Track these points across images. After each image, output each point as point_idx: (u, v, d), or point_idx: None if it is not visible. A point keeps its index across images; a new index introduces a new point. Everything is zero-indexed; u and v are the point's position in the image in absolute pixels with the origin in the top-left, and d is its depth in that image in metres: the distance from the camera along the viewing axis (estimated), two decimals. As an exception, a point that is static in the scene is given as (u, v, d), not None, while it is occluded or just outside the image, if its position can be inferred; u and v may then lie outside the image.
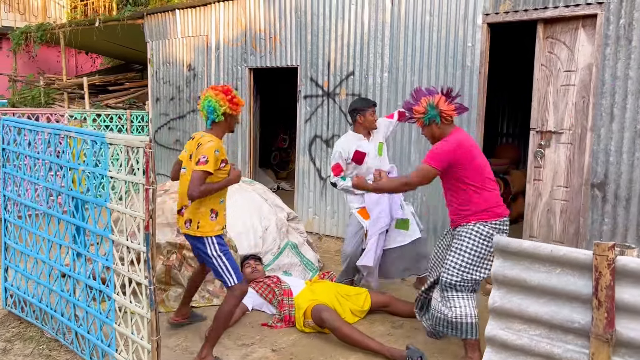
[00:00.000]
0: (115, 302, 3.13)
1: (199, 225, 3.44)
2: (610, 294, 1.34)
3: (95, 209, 3.19)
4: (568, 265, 1.45)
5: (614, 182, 4.57)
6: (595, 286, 1.37)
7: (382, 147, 4.66)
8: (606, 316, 1.36)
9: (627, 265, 1.38)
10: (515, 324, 1.53)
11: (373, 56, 6.06)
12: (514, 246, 1.49)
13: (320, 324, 3.93)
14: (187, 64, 8.32)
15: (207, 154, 3.31)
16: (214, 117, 3.46)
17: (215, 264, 3.45)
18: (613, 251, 1.35)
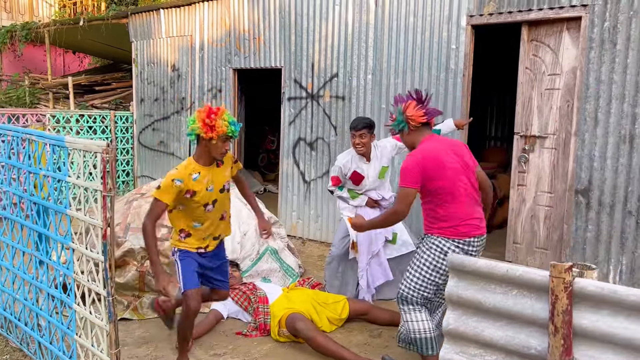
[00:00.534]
0: (76, 312, 3.01)
1: (172, 237, 3.51)
2: (568, 319, 1.23)
3: (56, 216, 3.07)
4: (525, 286, 1.34)
5: (598, 189, 4.48)
6: (551, 310, 1.26)
7: (386, 171, 4.51)
8: (563, 343, 1.25)
9: (585, 289, 1.27)
10: (471, 349, 1.42)
11: (357, 58, 5.95)
12: (469, 265, 1.38)
13: (294, 333, 3.82)
14: (172, 64, 8.19)
15: (164, 180, 3.23)
16: (188, 135, 3.31)
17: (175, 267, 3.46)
18: (570, 273, 1.24)
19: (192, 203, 3.31)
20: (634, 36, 4.23)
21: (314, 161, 6.46)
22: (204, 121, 3.17)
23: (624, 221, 4.37)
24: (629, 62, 4.26)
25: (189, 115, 7.92)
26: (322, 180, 6.40)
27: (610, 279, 4.46)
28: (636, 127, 4.26)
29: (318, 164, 6.43)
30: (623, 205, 4.36)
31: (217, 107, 3.24)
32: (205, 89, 7.70)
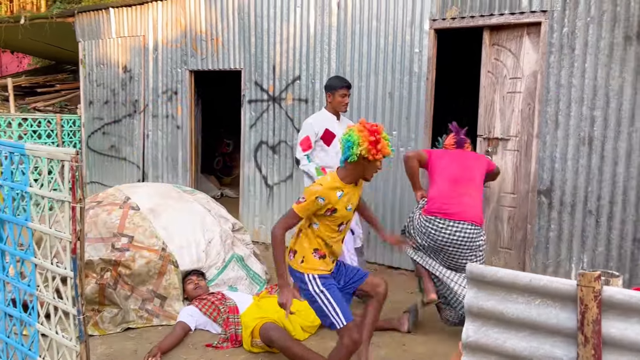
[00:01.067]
0: (39, 332, 2.79)
1: (303, 259, 3.11)
2: (597, 328, 1.22)
3: (15, 229, 2.84)
4: (549, 295, 1.32)
5: (559, 189, 4.61)
6: (581, 320, 1.25)
7: None
8: (593, 353, 1.24)
9: (613, 297, 1.27)
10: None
11: (320, 60, 5.90)
12: (489, 275, 1.35)
13: (268, 343, 3.72)
14: (123, 65, 7.88)
15: (306, 195, 2.99)
16: (348, 156, 2.97)
17: (318, 302, 3.07)
18: (599, 282, 1.24)
19: (328, 221, 3.06)
20: (591, 42, 4.38)
21: (277, 165, 6.36)
22: (371, 142, 2.89)
23: (584, 220, 4.51)
24: (587, 66, 4.41)
25: (143, 118, 7.65)
26: (286, 184, 6.31)
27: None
28: (595, 129, 4.41)
29: (281, 168, 6.33)
30: (584, 205, 4.50)
31: (374, 124, 2.96)
32: (160, 91, 7.44)
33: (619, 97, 4.30)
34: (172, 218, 4.85)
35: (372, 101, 5.56)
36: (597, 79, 4.37)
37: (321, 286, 3.06)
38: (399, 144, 5.44)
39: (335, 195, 2.99)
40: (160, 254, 4.52)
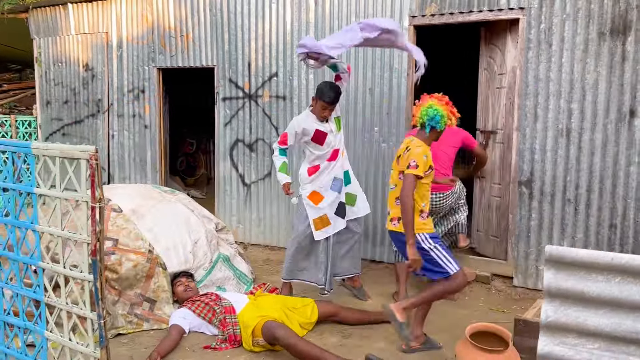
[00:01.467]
0: (48, 340, 2.66)
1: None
2: (685, 301, 1.30)
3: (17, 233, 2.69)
4: (629, 273, 1.39)
5: (539, 179, 4.79)
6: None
7: (340, 121, 4.55)
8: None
9: (699, 271, 1.34)
10: (570, 339, 1.44)
11: (297, 57, 5.87)
12: (569, 256, 1.39)
13: (273, 342, 3.67)
14: (84, 63, 7.56)
15: (416, 158, 3.44)
16: (436, 124, 3.53)
17: (432, 255, 3.49)
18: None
19: (425, 180, 3.55)
20: (567, 37, 4.58)
21: (254, 163, 6.29)
22: (450, 111, 3.57)
23: (564, 209, 4.71)
24: (564, 61, 4.61)
25: (107, 118, 7.38)
26: (264, 182, 6.25)
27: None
28: (572, 121, 4.62)
29: (259, 166, 6.26)
30: (563, 194, 4.70)
31: (441, 96, 3.62)
32: (126, 89, 7.20)
33: (594, 90, 4.51)
34: (156, 219, 4.71)
35: (353, 97, 5.59)
36: (574, 73, 4.57)
37: (432, 242, 3.52)
38: (380, 140, 5.50)
39: (430, 154, 3.58)
40: (147, 257, 4.37)
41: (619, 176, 4.48)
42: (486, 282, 5.10)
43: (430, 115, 3.53)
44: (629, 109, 4.41)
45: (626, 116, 4.42)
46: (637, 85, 4.37)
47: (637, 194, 4.44)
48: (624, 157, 4.46)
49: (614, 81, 4.44)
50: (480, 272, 5.10)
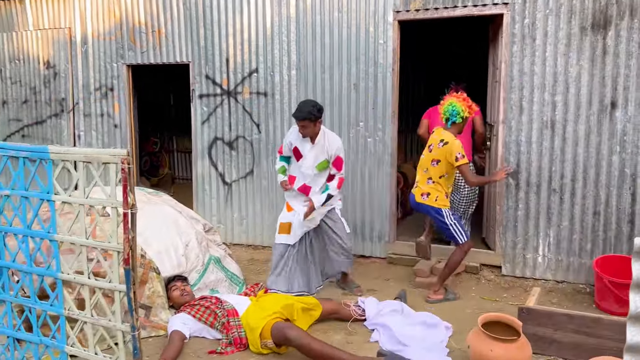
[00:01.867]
0: (68, 356, 2.51)
1: (437, 199, 4.45)
2: None
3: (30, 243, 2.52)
4: None
5: (525, 170, 4.93)
6: None
7: (325, 166, 4.54)
8: None
9: None
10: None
11: (278, 52, 5.79)
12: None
13: (284, 343, 3.62)
14: (45, 60, 7.18)
15: (460, 150, 4.26)
16: (454, 119, 4.33)
17: (450, 229, 4.43)
18: None
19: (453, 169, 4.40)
20: (550, 32, 4.72)
21: (235, 161, 6.16)
22: (467, 105, 4.32)
23: (549, 198, 4.87)
24: (547, 55, 4.75)
25: (72, 118, 7.04)
26: (246, 180, 6.13)
27: (540, 251, 4.95)
28: (556, 113, 4.77)
29: (240, 164, 6.14)
30: (548, 184, 4.86)
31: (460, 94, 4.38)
32: (92, 87, 6.88)
33: (577, 83, 4.68)
34: (145, 222, 4.52)
35: (337, 92, 5.56)
36: (557, 66, 4.72)
37: (453, 218, 4.44)
38: (366, 135, 5.51)
39: None
40: (140, 262, 4.20)
41: (602, 165, 4.67)
42: (475, 272, 5.21)
43: (450, 112, 4.32)
44: (610, 101, 4.60)
45: (608, 108, 4.61)
46: (618, 78, 4.56)
47: (619, 182, 4.64)
48: (606, 147, 4.65)
49: (596, 74, 4.61)
50: (470, 263, 5.20)
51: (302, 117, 4.33)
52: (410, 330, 3.99)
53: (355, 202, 5.60)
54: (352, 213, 5.59)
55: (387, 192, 5.48)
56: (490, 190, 5.18)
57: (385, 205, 5.51)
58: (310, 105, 4.35)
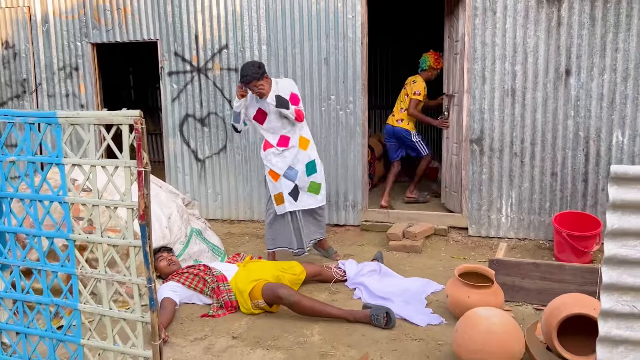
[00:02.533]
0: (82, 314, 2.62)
1: (408, 124, 6.13)
2: None
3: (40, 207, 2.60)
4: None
5: (488, 137, 5.26)
6: None
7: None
8: None
9: None
10: (631, 241, 1.75)
11: (248, 28, 5.88)
12: (632, 172, 1.70)
13: (275, 301, 3.81)
14: (3, 40, 6.98)
15: (419, 89, 5.92)
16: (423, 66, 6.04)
17: (416, 145, 6.14)
18: None
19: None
20: (509, 5, 5.02)
21: (207, 138, 6.24)
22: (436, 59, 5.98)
23: (511, 162, 5.22)
24: (507, 27, 5.06)
25: (35, 99, 6.91)
26: (219, 156, 6.23)
27: (503, 212, 5.31)
28: (516, 82, 5.10)
29: (212, 140, 6.23)
30: (510, 149, 5.21)
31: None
32: (56, 67, 6.77)
33: (534, 53, 5.01)
34: (127, 196, 4.60)
35: (308, 67, 5.72)
36: (516, 38, 5.04)
37: (418, 137, 6.12)
38: (338, 108, 5.70)
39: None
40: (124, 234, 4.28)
41: (558, 129, 5.05)
42: (444, 234, 5.53)
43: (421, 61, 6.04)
44: (565, 69, 4.96)
45: (563, 75, 4.97)
46: (572, 48, 4.91)
47: (574, 144, 5.03)
48: (562, 112, 5.02)
49: (552, 44, 4.96)
50: (438, 226, 5.52)
51: (254, 78, 4.38)
52: (388, 286, 4.26)
53: (329, 174, 5.79)
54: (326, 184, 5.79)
55: (359, 162, 5.72)
56: (452, 158, 5.50)
57: (358, 175, 5.75)
58: (251, 66, 4.41)
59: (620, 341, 1.80)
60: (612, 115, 4.88)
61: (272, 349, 3.41)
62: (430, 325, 3.68)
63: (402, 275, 4.56)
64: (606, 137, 4.92)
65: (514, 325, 2.97)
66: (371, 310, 3.69)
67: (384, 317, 3.62)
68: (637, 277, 1.77)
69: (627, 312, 1.79)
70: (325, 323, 3.71)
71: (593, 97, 4.91)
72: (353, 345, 3.41)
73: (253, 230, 6.07)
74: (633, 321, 1.79)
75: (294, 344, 3.47)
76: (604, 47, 4.82)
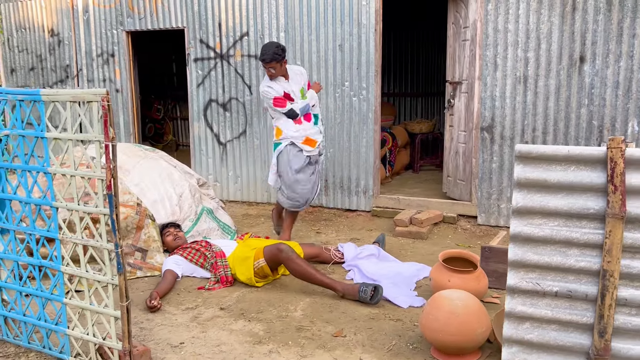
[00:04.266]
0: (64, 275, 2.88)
1: None
2: (623, 179, 1.64)
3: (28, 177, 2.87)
4: (582, 161, 1.72)
5: (499, 125, 5.19)
6: (611, 174, 1.66)
7: (304, 91, 4.84)
8: (621, 198, 1.66)
9: (633, 155, 1.69)
10: (536, 219, 1.78)
11: (268, 16, 6.05)
12: (535, 152, 1.72)
13: (275, 256, 3.91)
14: (49, 29, 7.50)
15: None
16: None
17: None
18: (624, 144, 1.65)
19: None
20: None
21: (229, 122, 6.48)
22: None
23: (522, 150, 5.13)
24: (520, 13, 4.96)
25: (77, 84, 7.39)
26: (239, 140, 6.46)
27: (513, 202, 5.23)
28: (528, 69, 5.00)
29: (234, 125, 6.46)
30: (521, 137, 5.12)
31: None
32: (94, 54, 7.21)
33: (548, 39, 4.89)
34: (141, 175, 4.90)
35: (323, 53, 5.82)
36: (529, 23, 4.93)
37: None
38: (352, 94, 5.78)
39: None
40: (136, 209, 4.57)
41: (571, 118, 4.92)
42: (453, 222, 5.52)
43: None
44: (579, 55, 4.82)
45: (577, 62, 4.83)
46: (586, 34, 4.76)
47: (587, 133, 4.89)
48: (575, 100, 4.88)
49: (566, 30, 4.82)
50: (447, 214, 5.51)
51: (270, 59, 4.52)
52: (382, 269, 4.34)
53: (342, 159, 5.90)
54: (338, 169, 5.91)
55: (371, 148, 5.78)
56: (469, 144, 5.45)
57: (370, 161, 5.81)
58: (274, 47, 4.53)
59: (525, 317, 1.84)
60: (627, 104, 4.70)
61: (253, 320, 3.59)
62: (412, 307, 3.74)
63: (401, 260, 4.62)
64: (621, 127, 4.75)
65: (478, 308, 3.00)
66: (360, 285, 3.79)
67: (371, 290, 3.71)
68: (541, 255, 1.81)
69: (531, 289, 1.83)
70: (311, 299, 3.85)
71: (608, 85, 4.75)
72: (331, 322, 3.53)
73: (270, 212, 6.26)
74: (538, 299, 1.83)
75: (276, 317, 3.62)
76: (621, 33, 4.64)
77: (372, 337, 3.33)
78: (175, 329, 3.47)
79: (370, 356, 3.07)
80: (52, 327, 2.95)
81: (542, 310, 1.79)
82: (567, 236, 1.72)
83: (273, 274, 4.11)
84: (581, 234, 1.71)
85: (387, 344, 3.21)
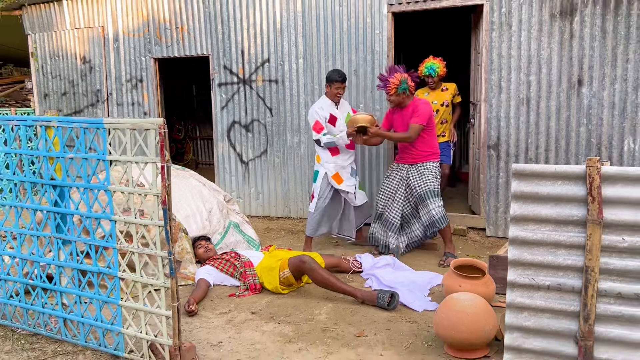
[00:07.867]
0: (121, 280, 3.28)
1: None
2: (600, 191, 2.02)
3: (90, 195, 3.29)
4: (567, 177, 2.10)
5: (505, 143, 5.57)
6: (589, 188, 2.03)
7: (348, 117, 5.38)
8: (598, 207, 2.03)
9: (607, 172, 2.06)
10: (530, 225, 2.16)
11: (287, 44, 6.51)
12: (528, 169, 2.10)
13: (299, 267, 4.28)
14: (81, 56, 8.02)
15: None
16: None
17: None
18: (600, 163, 2.03)
19: None
20: (524, 19, 5.34)
21: (251, 142, 6.92)
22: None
23: (526, 167, 5.51)
24: (522, 40, 5.37)
25: (107, 107, 7.88)
26: (261, 159, 6.89)
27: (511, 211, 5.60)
28: (531, 91, 5.39)
29: (255, 145, 6.90)
30: (525, 155, 5.49)
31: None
32: (124, 79, 7.71)
33: (548, 64, 5.29)
34: (174, 191, 5.32)
35: (340, 78, 6.26)
36: (531, 50, 5.34)
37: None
38: (366, 115, 6.20)
39: None
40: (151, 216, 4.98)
41: (571, 136, 5.29)
42: (463, 234, 5.88)
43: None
44: (577, 79, 5.20)
45: (575, 85, 5.22)
46: (583, 59, 5.16)
47: (586, 150, 5.25)
48: (575, 120, 5.26)
49: (564, 55, 5.22)
50: (458, 226, 5.87)
51: (345, 79, 5.26)
52: (398, 278, 4.70)
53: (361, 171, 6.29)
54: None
55: (382, 165, 6.18)
56: (475, 163, 5.83)
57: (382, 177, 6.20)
58: (342, 71, 5.27)
59: (523, 307, 2.21)
60: (623, 123, 5.08)
61: (282, 322, 3.96)
62: (426, 311, 4.10)
63: (415, 270, 4.98)
64: (618, 144, 5.12)
65: (485, 308, 3.36)
66: (378, 292, 4.16)
67: (388, 297, 4.08)
68: (535, 255, 2.19)
69: (528, 284, 2.20)
70: (333, 304, 4.22)
71: (605, 105, 5.12)
72: (353, 324, 3.90)
73: (289, 226, 6.67)
74: (533, 291, 2.20)
75: (303, 320, 4.00)
76: (615, 58, 5.03)
77: (390, 336, 3.69)
78: (213, 331, 3.85)
79: (389, 353, 3.43)
80: (108, 326, 3.35)
81: (537, 301, 2.16)
82: (556, 239, 2.09)
83: (297, 283, 4.49)
84: (567, 237, 2.08)
85: (404, 342, 3.57)
